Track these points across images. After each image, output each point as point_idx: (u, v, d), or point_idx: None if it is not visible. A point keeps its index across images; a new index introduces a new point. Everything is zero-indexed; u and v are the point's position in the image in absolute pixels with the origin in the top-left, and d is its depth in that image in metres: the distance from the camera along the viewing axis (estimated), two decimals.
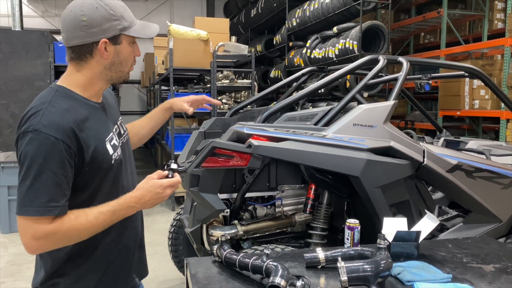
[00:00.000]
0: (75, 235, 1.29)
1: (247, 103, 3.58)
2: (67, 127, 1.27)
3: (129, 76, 1.50)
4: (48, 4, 12.20)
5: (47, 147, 1.23)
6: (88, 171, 1.34)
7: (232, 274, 1.51)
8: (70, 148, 1.27)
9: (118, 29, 1.37)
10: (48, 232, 1.24)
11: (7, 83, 6.06)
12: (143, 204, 1.35)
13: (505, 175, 2.80)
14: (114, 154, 1.42)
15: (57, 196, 1.24)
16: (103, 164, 1.37)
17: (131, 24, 1.41)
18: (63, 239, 1.28)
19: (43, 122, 1.25)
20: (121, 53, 1.41)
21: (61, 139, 1.25)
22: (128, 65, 1.45)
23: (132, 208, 1.35)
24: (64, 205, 1.27)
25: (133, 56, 1.46)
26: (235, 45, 6.40)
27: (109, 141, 1.42)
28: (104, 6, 1.34)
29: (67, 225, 1.26)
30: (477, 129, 7.85)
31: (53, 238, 1.26)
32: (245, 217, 2.66)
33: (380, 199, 2.37)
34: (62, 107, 1.31)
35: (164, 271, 3.99)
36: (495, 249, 1.82)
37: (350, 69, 2.92)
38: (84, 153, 1.31)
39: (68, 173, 1.27)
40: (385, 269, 1.41)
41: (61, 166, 1.25)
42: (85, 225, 1.28)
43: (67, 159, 1.26)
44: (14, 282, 3.80)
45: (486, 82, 3.32)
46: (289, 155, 2.36)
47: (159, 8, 13.27)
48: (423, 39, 9.40)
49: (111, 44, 1.37)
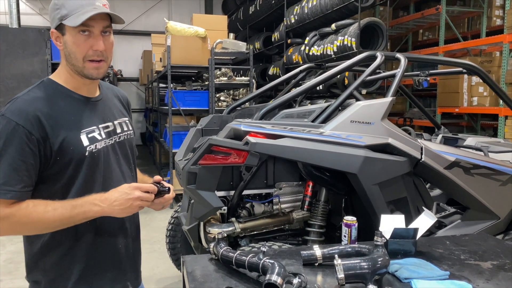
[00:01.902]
0: (29, 223, 1.28)
1: (245, 100, 3.57)
2: (31, 114, 1.28)
3: (92, 72, 1.38)
4: (45, 1, 12.14)
5: (8, 131, 1.26)
6: (60, 160, 1.33)
7: (228, 272, 1.50)
8: (32, 134, 1.27)
9: (57, 18, 1.33)
10: (2, 215, 1.24)
11: (4, 81, 6.02)
12: (109, 204, 1.31)
13: (503, 172, 2.80)
14: (90, 146, 1.40)
15: (12, 180, 1.25)
16: (75, 154, 1.35)
17: (70, 13, 1.30)
18: (17, 225, 1.28)
19: (10, 108, 1.29)
20: (67, 44, 1.35)
21: (22, 125, 1.26)
22: (78, 58, 1.35)
23: (95, 206, 1.31)
24: (20, 191, 1.26)
25: (87, 49, 1.35)
26: (233, 42, 6.38)
27: (87, 133, 1.40)
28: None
29: (23, 211, 1.26)
30: (476, 126, 7.85)
31: (7, 222, 1.25)
32: (243, 214, 2.66)
33: (377, 196, 2.36)
34: (35, 96, 1.34)
35: (162, 269, 3.98)
36: (493, 246, 1.82)
37: (348, 66, 2.91)
38: (51, 141, 1.31)
39: (29, 160, 1.27)
40: (382, 267, 1.40)
41: (19, 152, 1.25)
42: (42, 215, 1.27)
43: (27, 145, 1.26)
44: (12, 280, 3.79)
45: (484, 79, 3.31)
46: (286, 153, 2.36)
47: (157, 6, 13.25)
48: (422, 36, 9.39)
49: (60, 34, 1.35)
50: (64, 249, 1.41)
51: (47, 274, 1.41)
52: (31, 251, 1.41)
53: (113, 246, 1.51)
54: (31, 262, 1.43)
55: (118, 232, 1.52)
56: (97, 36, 1.36)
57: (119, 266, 1.54)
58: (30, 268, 1.43)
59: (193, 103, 6.26)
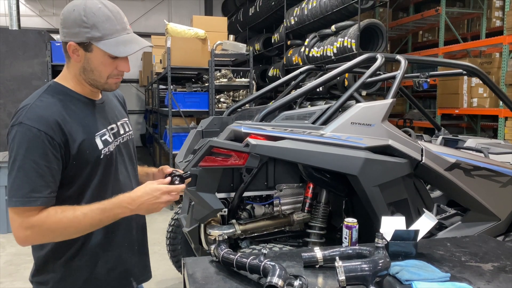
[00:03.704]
0: (60, 229, 1.28)
1: (245, 102, 3.57)
2: (51, 120, 1.29)
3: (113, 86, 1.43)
4: (45, 3, 12.16)
5: (30, 138, 1.25)
6: (76, 164, 1.34)
7: (229, 274, 1.50)
8: (54, 139, 1.28)
9: (86, 37, 1.31)
10: (33, 223, 1.24)
11: (4, 83, 6.03)
12: (137, 206, 1.33)
13: (503, 173, 2.80)
14: (104, 149, 1.42)
15: (40, 186, 1.25)
16: (91, 158, 1.37)
17: (104, 37, 1.32)
18: (49, 232, 1.28)
19: (27, 116, 1.28)
20: (91, 61, 1.36)
21: (43, 131, 1.26)
22: (102, 76, 1.38)
23: (124, 208, 1.33)
24: (48, 197, 1.27)
25: (112, 69, 1.39)
26: (233, 44, 6.39)
27: (100, 136, 1.41)
28: (80, 10, 1.30)
29: (53, 218, 1.26)
30: (476, 127, 7.86)
31: (39, 229, 1.26)
32: (243, 216, 2.65)
33: (378, 197, 2.36)
34: (49, 101, 1.34)
35: (162, 271, 3.98)
36: (494, 248, 1.82)
37: (348, 68, 2.91)
38: (70, 146, 1.32)
39: (52, 165, 1.28)
40: (383, 268, 1.40)
41: (43, 157, 1.26)
42: (72, 220, 1.27)
43: (50, 151, 1.27)
44: (12, 282, 3.79)
45: (484, 80, 3.31)
46: (287, 154, 2.36)
47: (157, 7, 13.26)
48: (422, 37, 9.40)
49: (82, 49, 1.34)
50: (74, 250, 1.41)
51: (56, 274, 1.41)
52: (41, 252, 1.41)
53: (122, 243, 1.52)
54: (40, 263, 1.43)
55: (126, 229, 1.54)
56: (125, 59, 1.39)
57: (125, 264, 1.54)
58: (38, 269, 1.43)
59: (193, 105, 6.26)
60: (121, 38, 1.35)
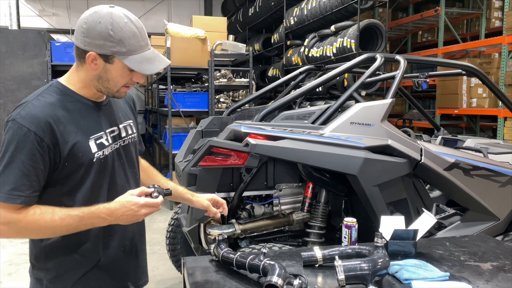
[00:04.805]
0: (36, 230, 1.29)
1: (244, 102, 3.57)
2: (43, 120, 1.29)
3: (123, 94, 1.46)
4: (45, 3, 12.14)
5: (19, 137, 1.26)
6: (68, 166, 1.34)
7: (229, 273, 1.51)
8: (43, 140, 1.28)
9: (110, 51, 1.32)
10: (10, 220, 1.25)
11: (4, 83, 6.04)
12: (115, 218, 1.31)
13: (502, 173, 2.81)
14: (98, 153, 1.41)
15: (22, 185, 1.26)
16: (83, 160, 1.37)
17: (129, 52, 1.33)
18: (24, 230, 1.29)
19: (21, 113, 1.29)
20: (109, 72, 1.37)
21: (33, 131, 1.27)
22: (117, 85, 1.40)
23: (102, 219, 1.32)
24: (29, 196, 1.27)
25: (128, 80, 1.41)
26: (233, 44, 6.39)
27: (95, 139, 1.41)
28: (107, 24, 1.30)
29: (31, 218, 1.27)
30: (475, 127, 7.86)
31: (15, 226, 1.27)
32: (243, 216, 2.66)
33: (377, 197, 2.37)
34: (46, 101, 1.34)
35: (162, 270, 3.98)
36: (493, 247, 1.82)
37: (347, 68, 2.91)
38: (61, 147, 1.32)
39: (39, 165, 1.28)
40: (383, 268, 1.40)
41: (30, 157, 1.26)
42: (49, 223, 1.28)
43: (38, 151, 1.27)
44: (12, 281, 3.79)
45: (483, 80, 3.32)
46: (286, 154, 2.36)
47: (157, 7, 13.24)
48: (421, 37, 9.41)
49: (102, 60, 1.34)
50: (69, 249, 1.42)
51: (49, 272, 1.42)
52: (36, 250, 1.43)
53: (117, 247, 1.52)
54: (34, 259, 1.44)
55: (122, 233, 1.53)
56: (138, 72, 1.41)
57: (121, 267, 1.54)
58: (33, 265, 1.46)
59: (192, 105, 6.27)
60: (145, 54, 1.37)
